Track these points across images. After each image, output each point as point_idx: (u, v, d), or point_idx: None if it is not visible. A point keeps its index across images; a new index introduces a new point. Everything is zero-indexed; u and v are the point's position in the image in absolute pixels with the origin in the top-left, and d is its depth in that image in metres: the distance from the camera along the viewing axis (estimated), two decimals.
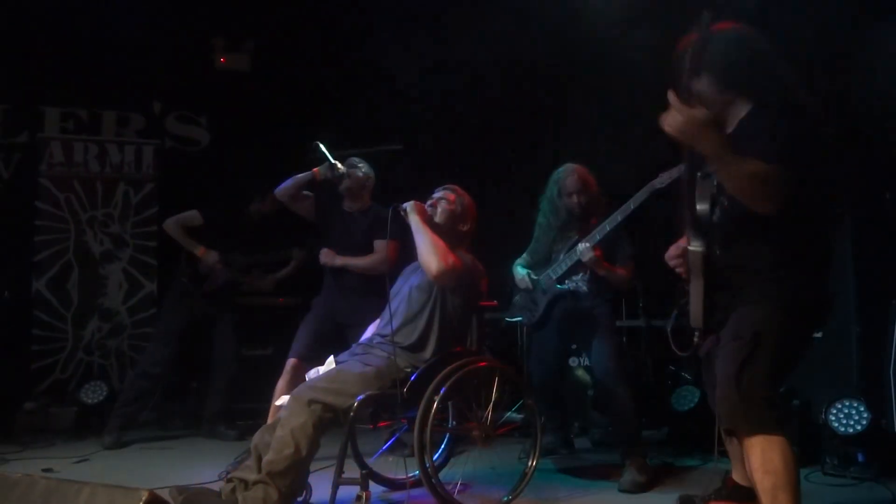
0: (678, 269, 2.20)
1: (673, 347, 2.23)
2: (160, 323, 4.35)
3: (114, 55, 5.44)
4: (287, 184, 3.68)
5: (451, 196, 2.97)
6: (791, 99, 1.97)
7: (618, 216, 3.20)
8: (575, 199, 3.37)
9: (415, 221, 2.79)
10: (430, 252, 2.69)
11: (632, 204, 3.17)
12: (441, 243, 2.74)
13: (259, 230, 4.38)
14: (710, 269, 2.03)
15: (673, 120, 1.81)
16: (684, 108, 1.80)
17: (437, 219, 2.90)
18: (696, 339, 2.15)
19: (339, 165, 3.58)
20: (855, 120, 3.69)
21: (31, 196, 4.98)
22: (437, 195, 2.99)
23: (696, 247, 2.01)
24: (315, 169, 3.64)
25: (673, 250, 2.24)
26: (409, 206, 2.83)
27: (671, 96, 1.82)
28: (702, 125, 1.79)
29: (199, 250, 4.17)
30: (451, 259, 2.70)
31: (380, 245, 3.58)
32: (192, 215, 4.24)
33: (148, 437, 4.19)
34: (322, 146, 3.57)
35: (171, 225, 4.22)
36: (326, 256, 3.67)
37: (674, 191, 2.49)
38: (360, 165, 3.74)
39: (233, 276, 4.30)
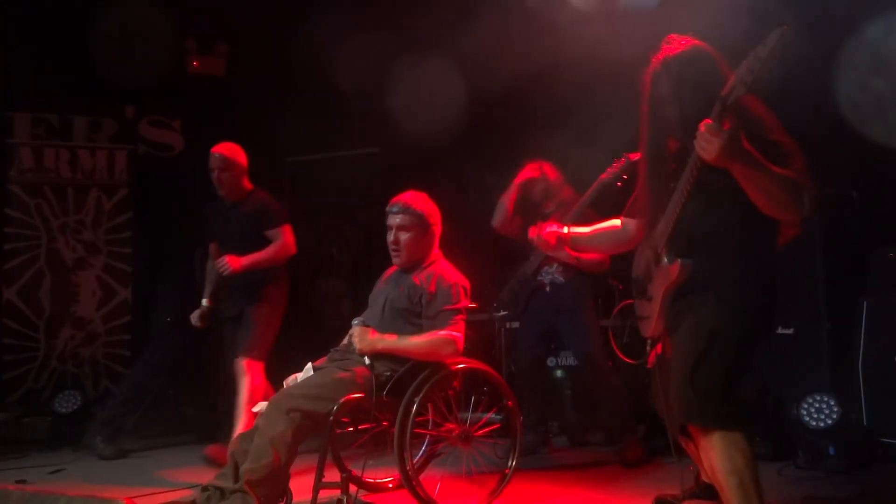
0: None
1: (622, 358, 2.26)
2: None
3: (85, 59, 5.36)
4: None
5: (401, 221, 2.79)
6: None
7: (575, 213, 3.28)
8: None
9: (386, 347, 2.65)
10: (430, 355, 2.66)
11: (587, 201, 3.32)
12: (428, 342, 2.65)
13: None
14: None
15: (710, 144, 1.74)
16: (720, 130, 1.73)
17: (399, 261, 2.83)
18: (648, 348, 2.20)
19: None
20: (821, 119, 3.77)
21: (0, 203, 4.89)
22: (390, 237, 2.82)
23: (685, 262, 1.96)
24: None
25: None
26: (365, 350, 2.63)
27: (704, 124, 1.77)
28: (740, 143, 1.74)
29: None
30: (447, 347, 2.65)
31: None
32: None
33: (125, 445, 4.11)
34: None
35: None
36: None
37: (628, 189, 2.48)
38: None
39: None
